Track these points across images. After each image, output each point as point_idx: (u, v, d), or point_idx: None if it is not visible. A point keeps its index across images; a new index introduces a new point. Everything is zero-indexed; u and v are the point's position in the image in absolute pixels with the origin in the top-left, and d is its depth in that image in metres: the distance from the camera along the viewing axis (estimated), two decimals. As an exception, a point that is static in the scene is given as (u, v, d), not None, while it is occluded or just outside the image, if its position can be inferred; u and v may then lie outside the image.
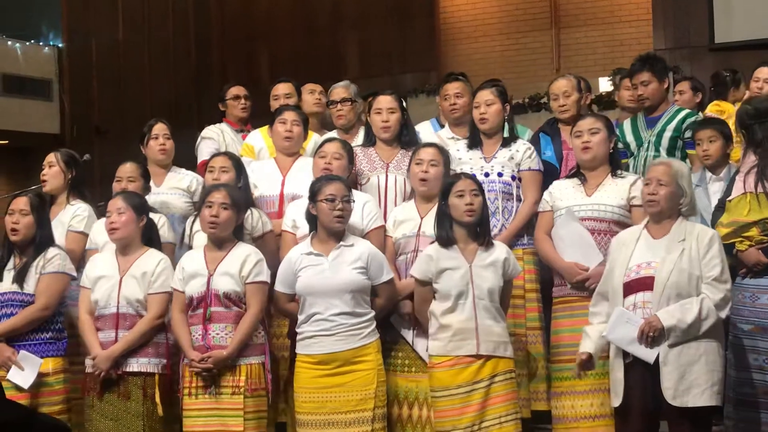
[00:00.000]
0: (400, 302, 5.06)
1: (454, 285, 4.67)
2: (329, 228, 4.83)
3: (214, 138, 6.75)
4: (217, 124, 6.89)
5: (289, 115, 5.76)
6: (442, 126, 6.25)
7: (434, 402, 4.73)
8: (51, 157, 5.76)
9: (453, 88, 6.04)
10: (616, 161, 5.23)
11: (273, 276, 4.95)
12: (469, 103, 5.95)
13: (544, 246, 5.21)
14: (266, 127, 6.24)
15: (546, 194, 5.29)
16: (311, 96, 6.68)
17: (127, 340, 4.92)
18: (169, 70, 12.15)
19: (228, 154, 5.65)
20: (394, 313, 5.09)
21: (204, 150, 6.65)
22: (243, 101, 6.92)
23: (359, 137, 6.05)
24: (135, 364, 4.92)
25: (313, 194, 4.87)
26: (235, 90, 6.99)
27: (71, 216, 5.60)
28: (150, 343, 4.96)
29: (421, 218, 5.15)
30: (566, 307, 5.12)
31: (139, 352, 4.93)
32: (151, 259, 5.06)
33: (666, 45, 10.48)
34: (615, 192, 5.09)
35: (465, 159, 5.53)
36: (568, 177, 5.36)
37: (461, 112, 6.00)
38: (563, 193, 5.21)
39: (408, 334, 5.07)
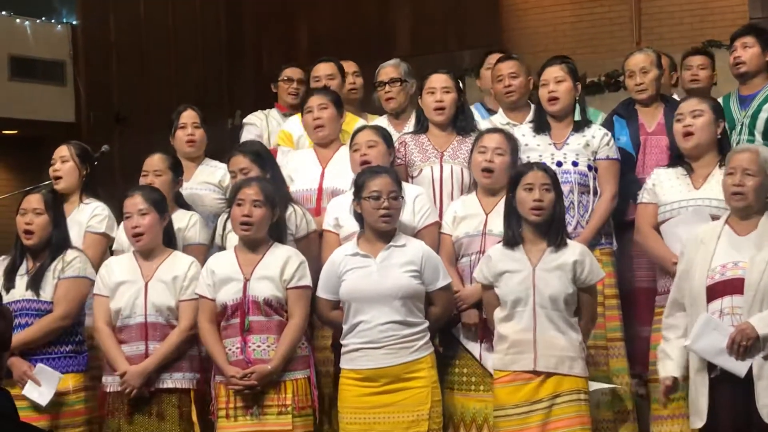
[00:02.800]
0: (466, 311, 5.10)
1: (510, 290, 4.69)
2: (376, 228, 4.87)
3: (256, 124, 6.82)
4: (267, 109, 6.96)
5: (315, 101, 5.77)
6: (489, 111, 6.28)
7: (495, 423, 4.76)
8: (64, 151, 5.81)
9: (507, 67, 6.04)
10: (725, 148, 5.17)
11: (316, 281, 4.99)
12: (525, 84, 6.00)
13: (653, 241, 5.18)
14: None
15: (649, 183, 5.29)
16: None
17: (161, 354, 4.97)
18: (196, 50, 12.24)
19: (243, 152, 5.52)
20: (458, 322, 5.12)
21: (245, 137, 6.71)
22: (295, 85, 6.92)
23: (412, 122, 6.11)
24: (169, 380, 4.98)
25: (357, 190, 4.90)
26: (289, 71, 7.01)
27: (90, 216, 5.67)
28: (185, 357, 5.02)
29: (487, 214, 5.17)
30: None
31: (173, 366, 4.99)
32: (180, 261, 5.12)
33: (764, 13, 10.38)
34: None
35: (532, 145, 5.54)
36: (669, 165, 5.35)
37: (518, 95, 6.02)
38: (667, 185, 5.21)
39: (474, 348, 5.10)
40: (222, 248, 5.32)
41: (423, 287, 4.85)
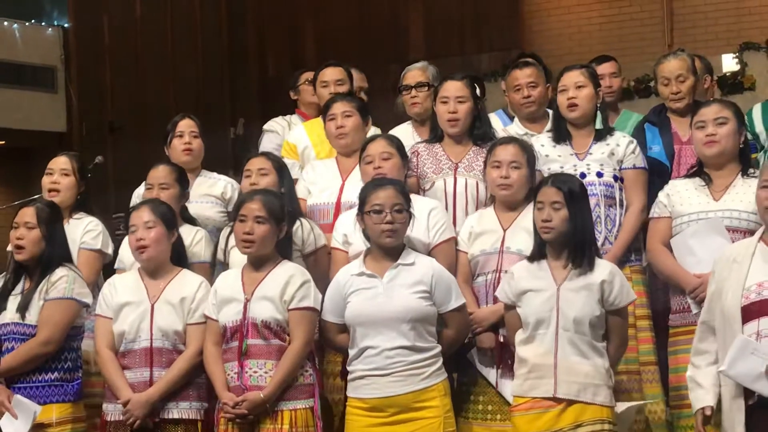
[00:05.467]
0: (482, 334, 5.08)
1: (533, 311, 4.68)
2: (379, 244, 4.87)
3: (277, 131, 6.86)
4: (288, 116, 6.99)
5: (338, 108, 5.77)
6: (511, 118, 6.26)
7: (513, 454, 4.76)
8: (64, 163, 5.85)
9: (524, 76, 6.04)
10: (746, 157, 5.20)
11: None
12: (544, 94, 6.00)
13: (663, 259, 5.20)
14: (312, 120, 6.32)
15: (662, 196, 5.29)
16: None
17: (167, 381, 4.94)
18: (196, 53, 12.28)
19: (267, 154, 5.68)
20: (473, 347, 5.12)
21: (265, 146, 6.76)
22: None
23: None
24: (175, 410, 4.96)
25: (361, 205, 4.91)
26: (309, 74, 7.03)
27: (83, 231, 5.71)
28: (191, 384, 5.01)
29: (504, 230, 5.16)
30: (690, 339, 4.93)
31: (179, 395, 4.96)
32: (188, 282, 5.11)
33: (804, 12, 10.40)
34: (748, 195, 5.00)
35: (552, 156, 5.54)
36: (688, 176, 5.35)
37: (536, 106, 6.03)
38: (684, 196, 5.21)
39: (490, 374, 5.08)
40: (224, 265, 5.32)
41: (434, 309, 4.83)
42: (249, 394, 4.78)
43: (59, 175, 5.83)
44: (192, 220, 5.69)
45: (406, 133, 6.02)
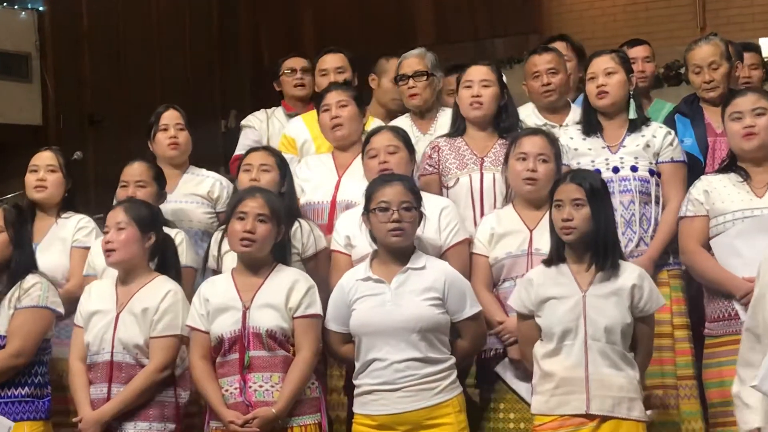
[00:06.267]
0: (513, 345, 5.07)
1: (558, 320, 4.67)
2: (386, 246, 4.87)
3: (254, 126, 6.92)
4: (271, 109, 7.03)
5: (333, 97, 5.82)
6: None
7: (540, 478, 4.74)
8: (50, 158, 5.92)
9: (544, 61, 6.07)
10: None
11: (326, 308, 4.97)
12: (566, 81, 5.99)
13: (705, 261, 5.18)
14: (312, 112, 6.33)
15: (697, 193, 5.28)
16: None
17: (121, 398, 4.95)
18: (184, 40, 12.27)
19: (269, 149, 5.73)
20: (502, 358, 5.12)
21: (240, 143, 6.84)
22: (299, 75, 7.03)
23: (437, 123, 6.10)
24: (132, 431, 4.96)
25: (366, 203, 4.91)
26: (291, 62, 7.11)
27: (75, 229, 5.79)
28: (153, 403, 4.99)
29: (531, 230, 5.17)
30: (730, 351, 4.99)
31: (137, 414, 4.96)
32: (155, 290, 5.10)
33: None
34: None
35: (582, 150, 5.57)
36: (720, 171, 5.36)
37: (558, 94, 6.05)
38: (723, 192, 5.21)
39: (522, 388, 5.06)
40: (218, 272, 5.29)
41: (446, 317, 4.83)
42: (259, 410, 4.76)
43: (45, 171, 5.89)
44: (168, 223, 5.66)
45: (404, 126, 6.00)
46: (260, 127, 6.90)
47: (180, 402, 5.05)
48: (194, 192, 6.13)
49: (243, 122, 7.06)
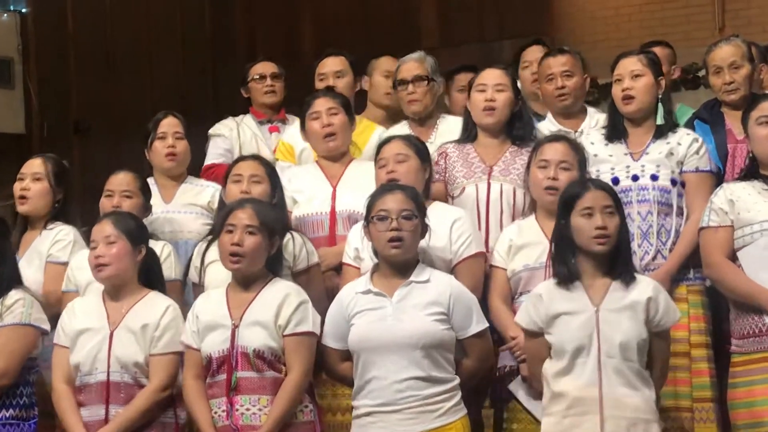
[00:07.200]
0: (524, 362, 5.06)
1: (570, 337, 4.65)
2: (386, 257, 4.86)
3: (224, 135, 6.92)
4: (239, 116, 7.03)
5: (322, 104, 5.85)
6: (536, 115, 6.26)
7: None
8: (37, 166, 5.92)
9: (558, 64, 6.11)
10: None
11: (322, 325, 4.96)
12: (581, 85, 6.02)
13: (734, 274, 5.14)
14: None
15: (720, 202, 5.24)
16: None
17: (122, 419, 4.95)
18: (175, 43, 12.27)
19: (259, 159, 5.72)
20: (515, 376, 5.12)
21: (210, 152, 6.87)
22: (269, 81, 7.05)
23: (438, 131, 6.10)
24: None
25: (367, 213, 4.92)
26: (260, 67, 7.15)
27: (50, 243, 5.75)
28: (154, 424, 4.99)
29: (550, 242, 5.11)
30: (762, 369, 5.04)
31: None
32: (154, 306, 5.10)
33: None
34: None
35: (603, 156, 5.56)
36: (741, 179, 5.35)
37: (573, 98, 6.09)
38: (749, 201, 5.19)
39: (536, 407, 5.03)
40: (199, 286, 5.31)
41: (451, 333, 4.83)
42: (244, 435, 4.74)
43: (30, 180, 5.89)
44: (153, 235, 5.65)
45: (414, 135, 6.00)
46: (230, 135, 6.92)
47: (180, 423, 5.06)
48: (193, 202, 6.14)
49: (211, 131, 7.04)
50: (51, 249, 5.74)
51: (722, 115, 6.00)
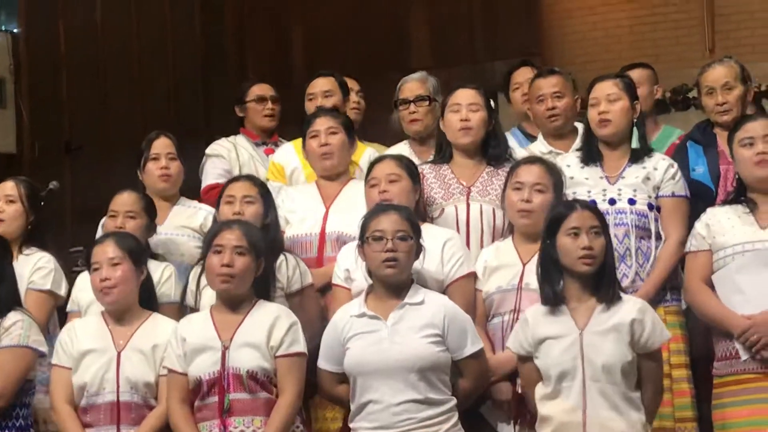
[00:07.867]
0: (496, 385, 5.07)
1: (554, 361, 4.65)
2: (381, 278, 4.86)
3: (223, 155, 6.89)
4: (232, 137, 7.00)
5: (322, 123, 5.84)
6: (529, 137, 6.32)
7: None
8: (10, 189, 5.87)
9: (549, 85, 6.10)
10: None
11: (313, 347, 4.96)
12: (572, 106, 6.02)
13: (706, 299, 5.16)
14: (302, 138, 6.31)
15: (699, 227, 5.27)
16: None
17: None
18: (166, 62, 12.27)
19: (252, 179, 5.71)
20: (488, 399, 5.10)
21: (210, 172, 6.84)
22: (270, 105, 7.03)
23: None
24: None
25: (361, 234, 4.92)
26: (259, 89, 7.11)
27: (32, 269, 5.69)
28: None
29: (524, 264, 5.17)
30: (740, 390, 5.05)
31: None
32: (161, 327, 5.11)
33: None
34: None
35: (579, 179, 5.55)
36: (726, 203, 5.35)
37: (564, 119, 6.08)
38: (726, 225, 5.19)
39: (507, 431, 5.05)
40: (194, 309, 5.29)
41: (447, 355, 4.82)
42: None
43: (4, 202, 5.83)
44: (156, 255, 5.67)
45: (402, 153, 5.99)
46: (229, 156, 6.90)
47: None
48: (186, 225, 6.12)
49: (208, 151, 7.02)
50: (33, 276, 5.69)
51: (715, 136, 5.99)
